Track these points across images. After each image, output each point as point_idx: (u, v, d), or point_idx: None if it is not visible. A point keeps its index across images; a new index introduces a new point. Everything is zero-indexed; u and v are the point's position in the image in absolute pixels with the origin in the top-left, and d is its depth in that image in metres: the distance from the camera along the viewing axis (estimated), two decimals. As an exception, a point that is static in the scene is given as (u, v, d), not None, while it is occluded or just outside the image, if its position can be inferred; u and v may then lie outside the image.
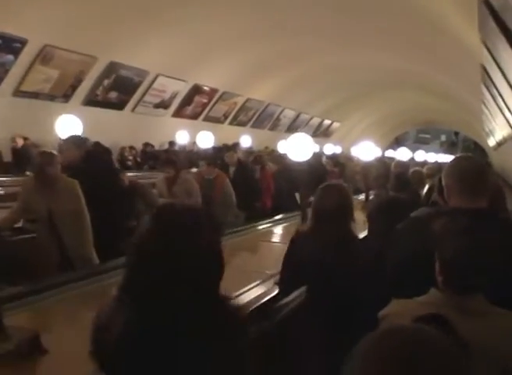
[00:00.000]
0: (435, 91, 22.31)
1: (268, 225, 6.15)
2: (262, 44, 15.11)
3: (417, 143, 41.69)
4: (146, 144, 14.74)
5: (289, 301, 2.85)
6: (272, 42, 15.12)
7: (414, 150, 24.73)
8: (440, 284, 1.84)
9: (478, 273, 1.77)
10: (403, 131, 41.25)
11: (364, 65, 18.77)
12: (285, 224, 6.26)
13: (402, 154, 11.91)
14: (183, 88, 15.31)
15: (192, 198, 5.91)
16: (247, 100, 18.98)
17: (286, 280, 3.04)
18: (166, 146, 14.61)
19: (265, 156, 9.71)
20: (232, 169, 7.41)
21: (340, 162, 10.57)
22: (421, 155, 16.39)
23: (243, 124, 20.03)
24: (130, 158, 13.27)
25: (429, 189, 5.15)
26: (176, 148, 14.23)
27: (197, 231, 1.50)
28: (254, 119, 20.58)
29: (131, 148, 13.92)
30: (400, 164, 7.72)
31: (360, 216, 4.08)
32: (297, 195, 6.75)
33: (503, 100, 9.55)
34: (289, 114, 22.95)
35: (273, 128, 22.57)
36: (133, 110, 14.17)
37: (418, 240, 2.13)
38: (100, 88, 12.53)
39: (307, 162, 5.56)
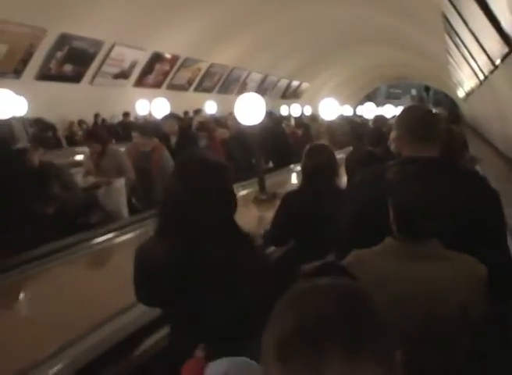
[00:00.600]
0: (402, 45, 21.99)
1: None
2: (221, 5, 14.60)
3: (389, 98, 41.53)
4: (96, 116, 13.75)
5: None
6: (230, 2, 14.62)
7: (385, 105, 24.52)
8: (395, 232, 1.86)
9: (428, 218, 1.78)
10: (374, 88, 41.04)
11: (327, 20, 18.34)
12: (241, 193, 5.77)
13: (369, 109, 11.59)
14: (142, 57, 14.81)
15: (124, 174, 5.55)
16: (211, 65, 18.50)
17: (280, 229, 3.36)
18: (120, 118, 13.95)
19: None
20: (173, 140, 6.89)
21: (304, 123, 10.24)
22: (390, 110, 16.19)
23: (208, 90, 19.57)
24: (80, 133, 12.22)
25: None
26: (132, 118, 13.67)
27: (219, 175, 2.00)
28: (219, 84, 20.12)
29: (81, 121, 13.14)
30: (377, 119, 7.64)
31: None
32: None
33: (467, 49, 9.22)
34: (256, 77, 22.50)
35: (240, 92, 22.08)
36: (91, 82, 13.67)
37: (370, 189, 2.15)
38: (53, 61, 12.00)
39: (262, 125, 5.24)
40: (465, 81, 14.83)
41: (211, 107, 15.90)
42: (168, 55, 15.91)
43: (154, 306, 2.17)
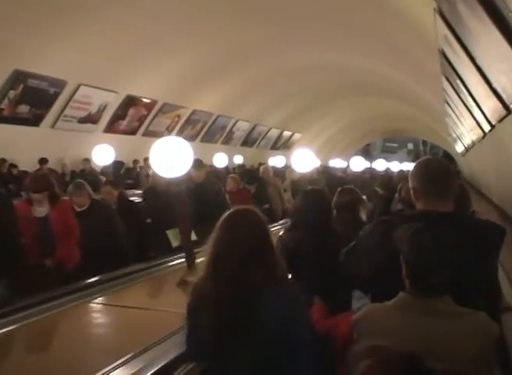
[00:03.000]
0: (400, 97, 21.09)
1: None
2: (206, 47, 13.49)
3: (384, 152, 40.85)
4: (2, 161, 11.32)
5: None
6: (214, 44, 13.50)
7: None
8: (407, 287, 1.91)
9: (440, 272, 1.83)
10: (370, 141, 40.35)
11: (320, 68, 17.26)
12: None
13: (358, 163, 10.60)
14: (113, 100, 13.55)
15: None
16: (193, 112, 17.30)
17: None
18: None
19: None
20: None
21: (258, 178, 9.00)
22: (382, 164, 15.29)
23: (191, 139, 18.32)
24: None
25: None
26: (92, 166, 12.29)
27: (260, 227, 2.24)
28: (203, 132, 18.90)
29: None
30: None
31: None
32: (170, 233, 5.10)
33: (469, 102, 8.17)
34: (244, 126, 21.34)
35: (227, 142, 20.92)
36: (52, 126, 12.35)
37: (383, 243, 2.14)
38: (5, 101, 10.71)
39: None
40: (465, 136, 13.91)
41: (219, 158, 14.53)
42: (144, 100, 14.69)
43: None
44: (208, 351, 2.21)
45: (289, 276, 2.98)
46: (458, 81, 6.93)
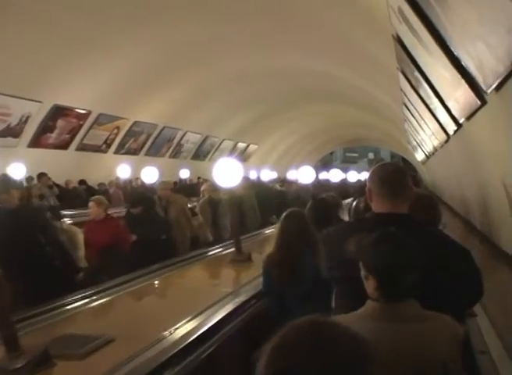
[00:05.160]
0: (358, 103, 20.12)
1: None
2: (144, 49, 12.18)
3: (345, 163, 40.24)
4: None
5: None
6: (157, 46, 12.20)
7: (343, 170, 22.67)
8: (373, 294, 1.90)
9: (409, 275, 1.84)
10: (329, 151, 39.68)
11: (272, 74, 16.10)
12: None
13: (306, 173, 9.44)
14: (37, 110, 12.07)
15: None
16: (135, 123, 15.90)
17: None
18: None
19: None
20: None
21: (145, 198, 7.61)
22: (337, 174, 14.55)
23: (133, 152, 16.91)
24: None
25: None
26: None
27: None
28: (147, 146, 17.49)
29: None
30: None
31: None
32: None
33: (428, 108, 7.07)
34: (194, 138, 20.02)
35: (175, 155, 19.55)
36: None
37: (337, 249, 2.20)
38: None
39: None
40: (425, 142, 12.91)
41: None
42: (76, 110, 13.24)
43: None
44: (276, 289, 3.73)
45: None
46: (416, 73, 5.76)
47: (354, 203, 5.35)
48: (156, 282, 4.92)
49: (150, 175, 9.30)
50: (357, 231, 2.09)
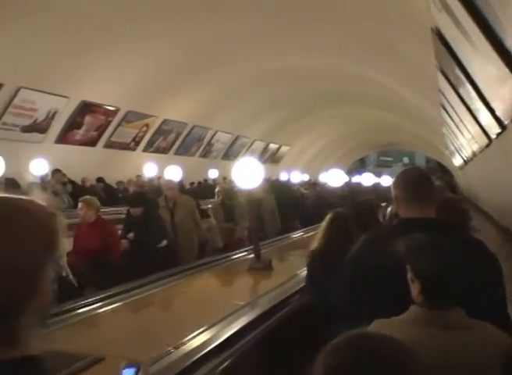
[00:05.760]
0: (393, 106, 19.57)
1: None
2: (174, 46, 11.94)
3: (379, 167, 39.57)
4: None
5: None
6: (187, 44, 11.94)
7: (376, 174, 22.21)
8: (419, 300, 1.89)
9: (455, 283, 1.83)
10: (364, 155, 39.11)
11: (306, 74, 15.70)
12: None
13: (336, 176, 9.00)
14: (63, 106, 11.88)
15: None
16: (164, 121, 15.66)
17: None
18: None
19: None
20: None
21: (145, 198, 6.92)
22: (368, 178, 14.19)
23: (162, 151, 16.68)
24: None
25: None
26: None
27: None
28: (177, 144, 17.25)
29: None
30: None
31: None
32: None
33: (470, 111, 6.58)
34: (224, 138, 19.72)
35: (205, 155, 19.28)
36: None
37: (372, 256, 2.21)
38: None
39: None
40: (464, 147, 12.37)
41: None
42: (104, 107, 13.04)
43: None
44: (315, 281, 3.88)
45: None
46: (457, 71, 5.30)
47: (389, 208, 5.04)
48: (157, 293, 4.43)
49: (174, 174, 8.98)
50: (391, 236, 2.08)
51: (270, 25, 11.39)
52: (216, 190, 8.12)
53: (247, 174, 4.70)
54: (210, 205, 8.23)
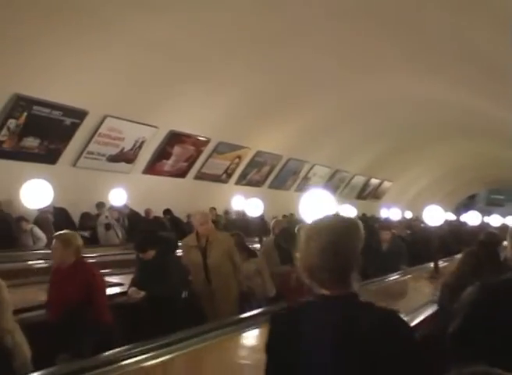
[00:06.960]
0: (508, 141, 17.76)
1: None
2: (264, 76, 11.32)
3: (490, 205, 37.04)
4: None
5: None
6: (277, 73, 11.32)
7: (486, 213, 20.59)
8: None
9: None
10: (472, 192, 36.78)
11: (414, 102, 14.54)
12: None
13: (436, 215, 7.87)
14: (152, 136, 11.51)
15: None
16: (257, 153, 15.03)
17: None
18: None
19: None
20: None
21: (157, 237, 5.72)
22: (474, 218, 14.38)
23: (255, 184, 16.01)
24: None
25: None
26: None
27: None
28: (271, 177, 16.55)
29: None
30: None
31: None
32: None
33: None
34: (321, 171, 18.81)
35: (301, 189, 18.41)
36: (74, 164, 10.42)
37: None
38: (5, 132, 8.85)
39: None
40: None
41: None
42: (193, 137, 12.58)
43: None
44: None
45: None
46: None
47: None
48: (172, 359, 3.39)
49: (254, 206, 8.18)
50: None
51: (368, 51, 10.49)
52: (272, 225, 7.05)
53: (317, 208, 3.78)
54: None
